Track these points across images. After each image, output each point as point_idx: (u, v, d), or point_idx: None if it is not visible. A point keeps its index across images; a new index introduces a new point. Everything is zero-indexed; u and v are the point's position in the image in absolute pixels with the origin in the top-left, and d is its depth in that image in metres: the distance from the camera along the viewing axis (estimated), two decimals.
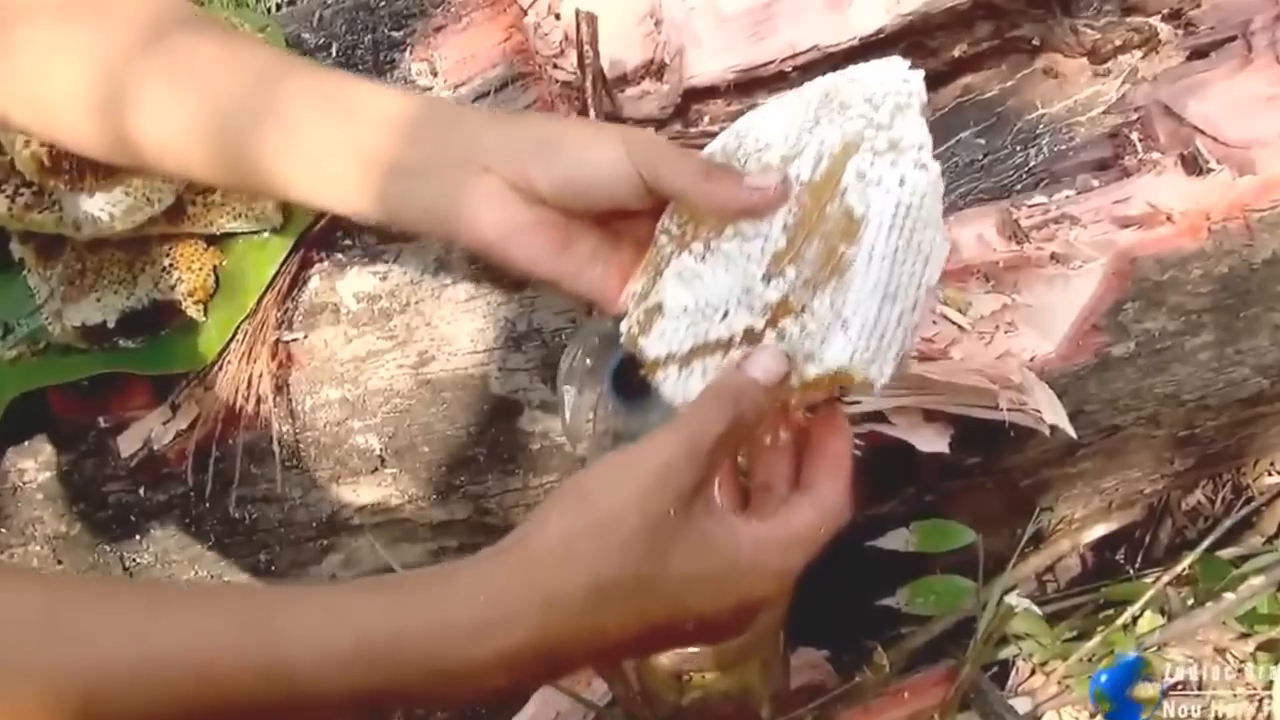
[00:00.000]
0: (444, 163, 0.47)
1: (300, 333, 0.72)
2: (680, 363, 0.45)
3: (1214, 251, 0.67)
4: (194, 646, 0.36)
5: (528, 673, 0.39)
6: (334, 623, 0.37)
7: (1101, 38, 0.87)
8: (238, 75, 0.50)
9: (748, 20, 0.89)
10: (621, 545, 0.38)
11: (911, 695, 0.66)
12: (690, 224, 0.46)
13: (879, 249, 0.41)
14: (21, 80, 0.52)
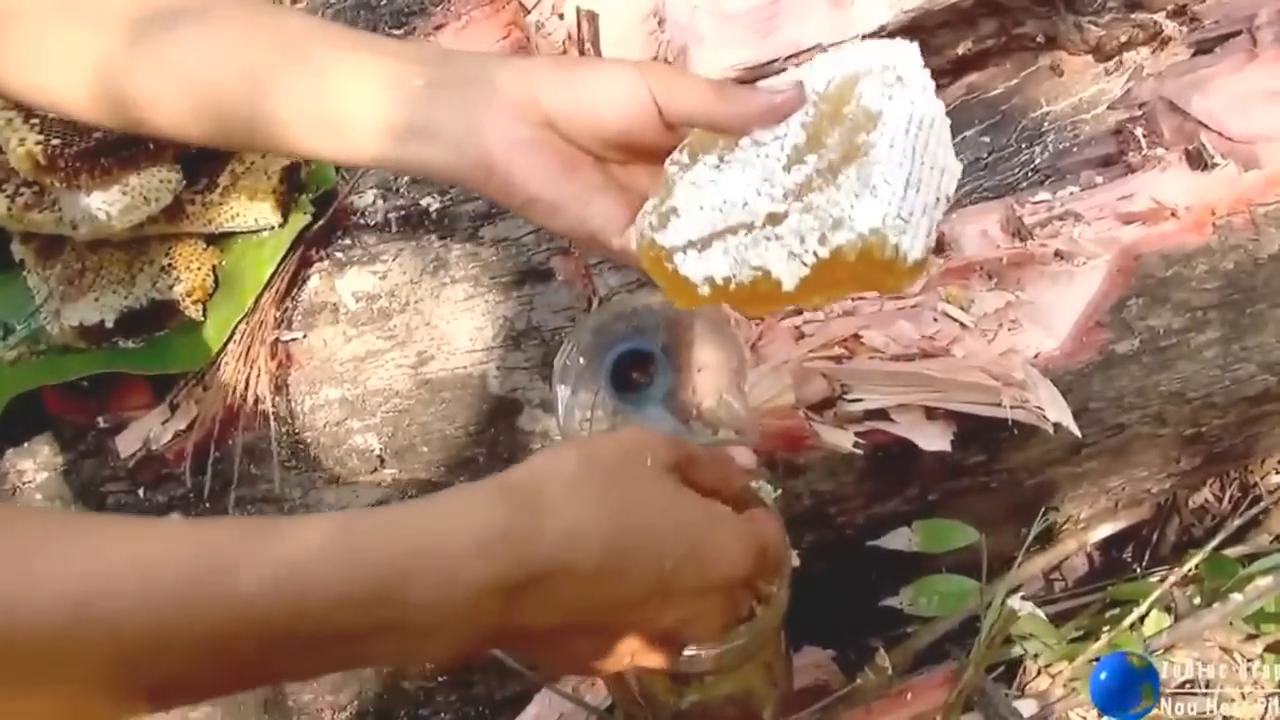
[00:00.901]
0: (451, 85, 0.46)
1: (299, 332, 0.72)
2: (700, 245, 0.44)
3: (1219, 247, 0.67)
4: (198, 551, 0.34)
5: (490, 613, 0.38)
6: (336, 528, 0.36)
7: (1106, 34, 0.86)
8: (241, 27, 0.50)
9: (751, 18, 0.88)
10: (604, 475, 0.41)
11: (914, 697, 0.65)
12: (700, 151, 0.46)
13: (899, 141, 0.42)
14: (27, 50, 0.51)
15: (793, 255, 0.43)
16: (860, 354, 0.70)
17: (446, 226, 0.72)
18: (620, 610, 0.42)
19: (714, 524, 0.44)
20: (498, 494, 0.39)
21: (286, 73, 0.49)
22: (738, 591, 0.47)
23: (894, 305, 0.72)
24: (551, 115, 0.46)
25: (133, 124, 0.52)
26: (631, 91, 0.46)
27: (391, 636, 0.37)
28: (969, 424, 0.68)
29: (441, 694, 0.81)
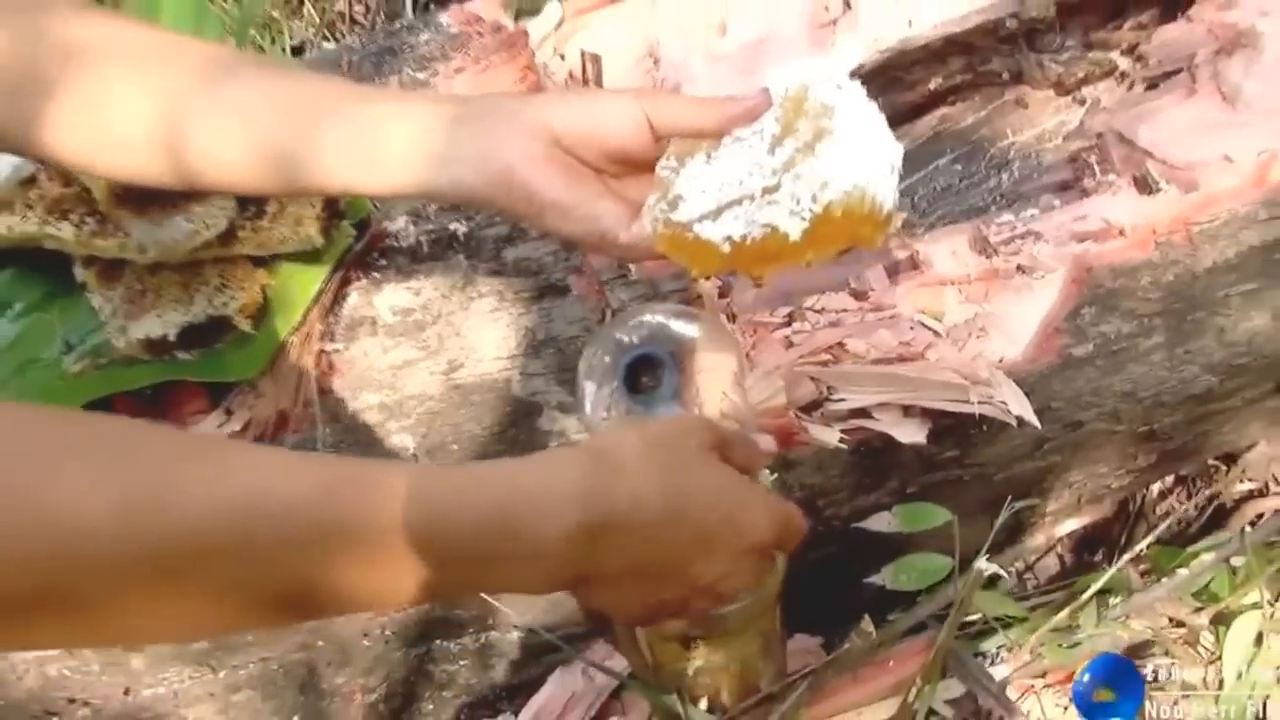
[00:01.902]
0: (473, 118, 0.55)
1: (342, 344, 0.80)
2: (713, 216, 0.53)
3: (1161, 261, 0.75)
4: (343, 472, 0.42)
5: (578, 552, 0.47)
6: (462, 470, 0.47)
7: (1065, 71, 0.95)
8: (283, 98, 0.58)
9: (739, 59, 0.97)
10: (663, 449, 0.50)
11: (896, 663, 0.72)
12: (685, 156, 0.55)
13: (853, 122, 0.52)
14: (95, 118, 0.59)
15: (793, 213, 0.52)
16: (844, 360, 0.78)
17: (473, 248, 0.80)
18: (672, 560, 0.51)
19: (749, 495, 0.54)
20: (585, 456, 0.49)
21: (331, 121, 0.57)
22: (764, 555, 0.55)
23: (874, 316, 0.80)
24: (560, 135, 0.55)
25: (190, 179, 0.60)
26: (627, 111, 0.55)
27: (502, 565, 0.45)
28: (942, 421, 0.76)
29: (463, 676, 0.89)
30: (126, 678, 0.87)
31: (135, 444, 0.39)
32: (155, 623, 0.40)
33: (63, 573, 0.36)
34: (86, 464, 0.37)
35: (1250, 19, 0.82)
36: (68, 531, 0.35)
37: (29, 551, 0.35)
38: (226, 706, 0.88)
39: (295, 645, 0.85)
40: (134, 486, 0.37)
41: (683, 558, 0.51)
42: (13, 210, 0.85)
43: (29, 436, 0.37)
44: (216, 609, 0.40)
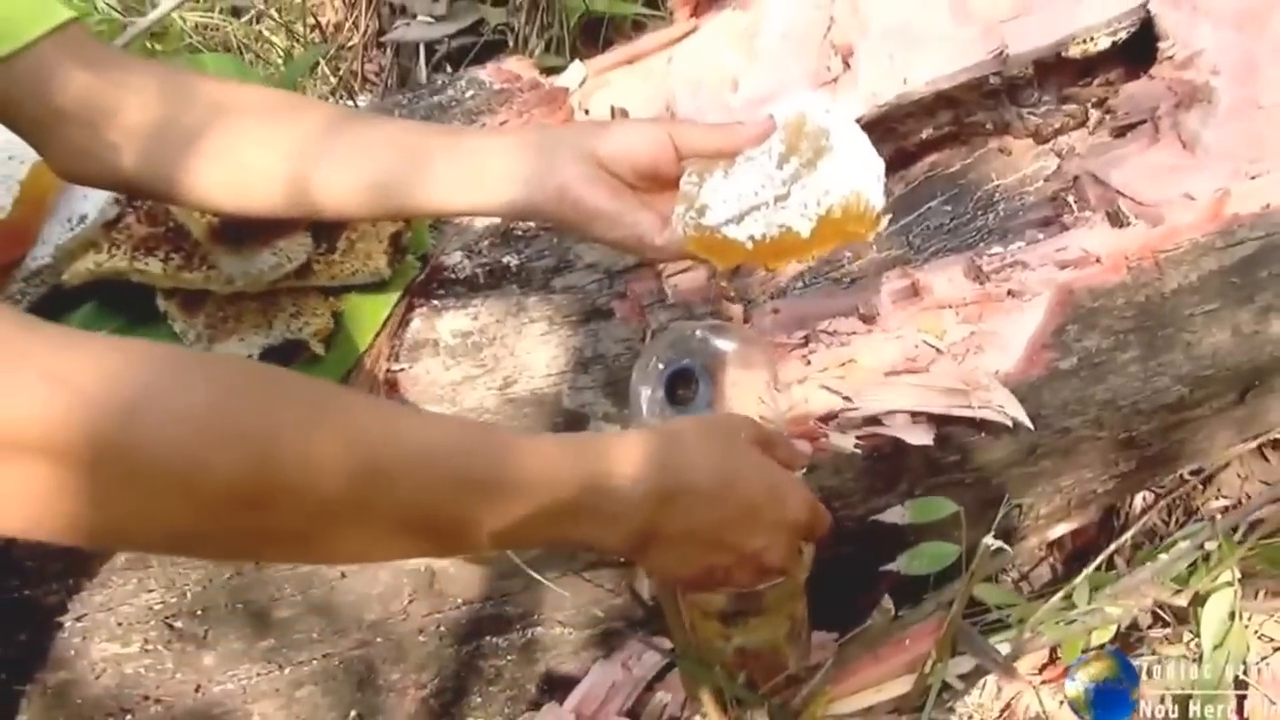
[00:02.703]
0: (532, 147, 0.68)
1: (406, 364, 0.89)
2: (737, 220, 0.66)
3: (1133, 284, 0.85)
4: (492, 438, 0.53)
5: (650, 514, 0.57)
6: (569, 439, 0.57)
7: (1043, 122, 1.06)
8: (388, 137, 0.70)
9: (749, 112, 1.08)
10: (717, 435, 0.61)
11: (912, 642, 0.81)
12: (704, 172, 0.68)
13: (847, 140, 0.65)
14: (233, 162, 0.70)
15: (803, 215, 0.65)
16: (856, 374, 0.88)
17: (524, 278, 0.90)
18: (723, 527, 0.61)
19: (787, 480, 0.65)
20: (659, 436, 0.59)
21: (433, 154, 0.70)
22: (797, 535, 0.65)
23: (882, 336, 0.90)
24: (603, 157, 0.68)
25: (313, 209, 0.72)
26: (655, 135, 0.68)
27: (590, 520, 0.55)
28: (946, 428, 0.85)
29: (509, 671, 0.96)
30: (198, 675, 0.94)
31: (347, 403, 0.50)
32: (354, 548, 0.50)
33: (295, 509, 0.46)
34: (312, 417, 0.47)
35: (1204, 76, 0.94)
36: (302, 476, 0.46)
37: (276, 488, 0.45)
38: (290, 702, 0.96)
39: (355, 642, 0.93)
40: (355, 442, 0.47)
41: (732, 525, 0.61)
42: (99, 249, 0.95)
43: (284, 389, 0.47)
44: (400, 541, 0.50)
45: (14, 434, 0.41)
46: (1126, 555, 1.16)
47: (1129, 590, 0.81)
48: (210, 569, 0.90)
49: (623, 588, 0.91)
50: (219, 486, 0.44)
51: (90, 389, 0.42)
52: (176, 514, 0.45)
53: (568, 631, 0.94)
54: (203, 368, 0.46)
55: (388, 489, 0.47)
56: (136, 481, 0.43)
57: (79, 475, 0.42)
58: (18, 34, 0.66)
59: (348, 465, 0.46)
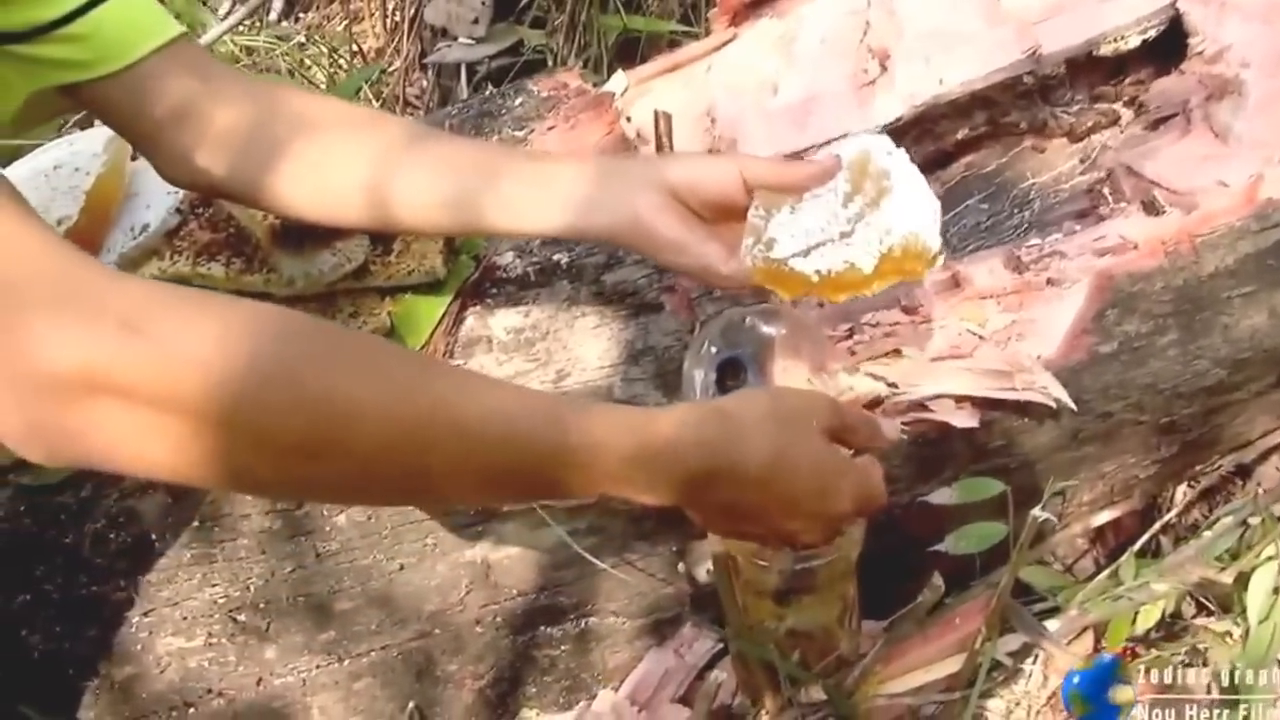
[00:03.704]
0: (607, 176, 0.71)
1: (461, 359, 0.91)
2: (804, 254, 0.69)
3: (1170, 268, 0.87)
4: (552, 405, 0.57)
5: (688, 489, 0.60)
6: (626, 410, 0.61)
7: (1076, 121, 1.09)
8: (465, 157, 0.74)
9: (789, 114, 1.11)
10: (779, 420, 0.62)
11: (962, 621, 0.82)
12: (772, 206, 0.70)
13: (907, 182, 0.69)
14: (316, 172, 0.73)
15: (866, 252, 0.69)
16: (901, 363, 0.90)
17: (575, 274, 0.93)
18: (759, 512, 0.63)
19: (841, 475, 0.65)
20: (715, 415, 0.61)
21: (505, 177, 0.73)
22: (837, 524, 0.67)
23: (925, 326, 0.92)
24: (675, 188, 0.70)
25: (390, 222, 0.75)
26: (725, 168, 0.71)
27: (629, 486, 0.58)
28: (990, 413, 0.87)
29: (564, 661, 0.98)
30: (260, 668, 0.96)
31: (410, 364, 0.55)
32: (449, 493, 0.58)
33: (425, 452, 0.51)
34: (433, 386, 0.52)
35: (1234, 69, 0.96)
36: (422, 430, 0.50)
37: (394, 432, 0.50)
38: (348, 694, 0.98)
39: (413, 634, 0.95)
40: (422, 400, 0.51)
41: (769, 510, 0.63)
42: (162, 257, 0.98)
43: (377, 352, 0.52)
44: (474, 489, 0.55)
45: (92, 377, 0.45)
46: (1170, 541, 1.17)
47: (1174, 568, 0.82)
48: (272, 563, 0.93)
49: (675, 576, 0.93)
50: (293, 437, 0.48)
51: (164, 338, 0.46)
52: (243, 461, 0.48)
53: (621, 621, 0.95)
54: (278, 325, 0.50)
55: (451, 441, 0.51)
56: (205, 430, 0.47)
57: (148, 419, 0.46)
58: (132, 48, 0.71)
59: (409, 417, 0.50)
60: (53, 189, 1.00)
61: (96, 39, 0.70)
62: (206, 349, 0.46)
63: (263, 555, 0.92)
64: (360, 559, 0.92)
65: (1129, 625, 0.88)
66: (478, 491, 0.58)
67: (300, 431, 0.48)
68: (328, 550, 0.92)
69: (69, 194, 0.99)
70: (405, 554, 0.92)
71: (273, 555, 0.92)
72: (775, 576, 0.75)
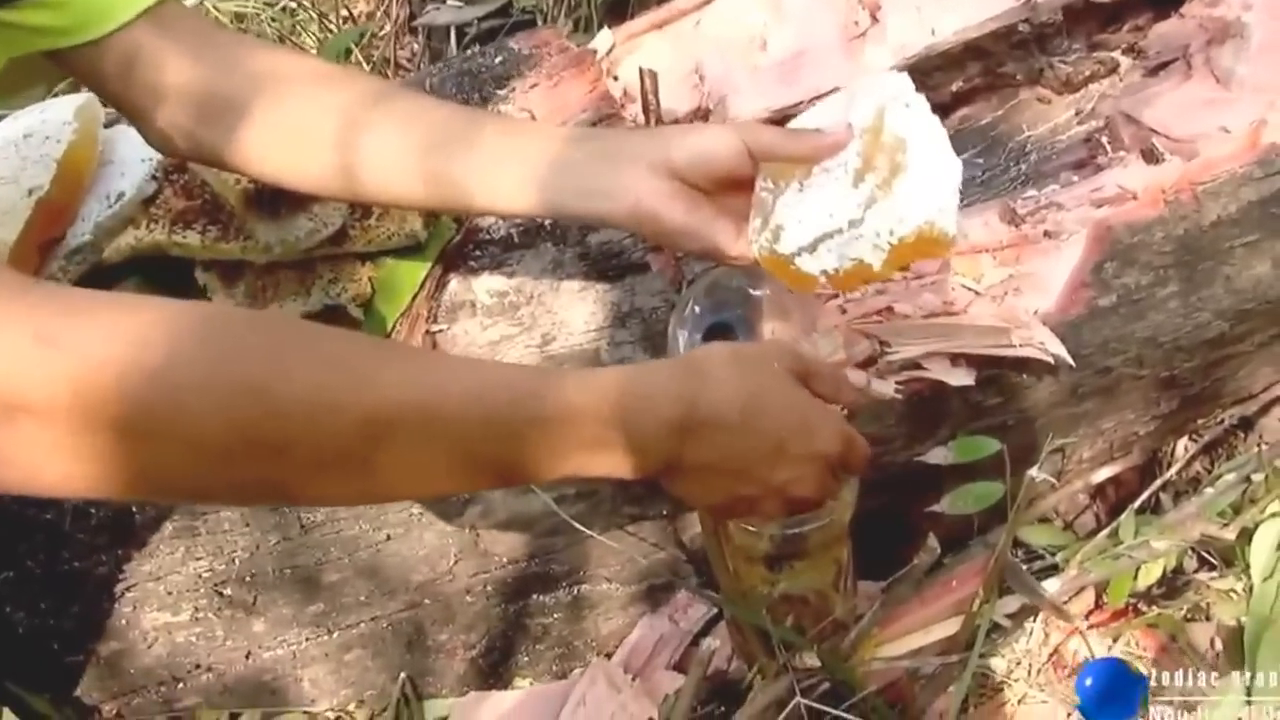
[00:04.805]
0: (602, 157, 0.66)
1: (444, 324, 0.89)
2: (810, 249, 0.63)
3: (1171, 218, 0.85)
4: (520, 376, 0.53)
5: (668, 446, 0.56)
6: (590, 373, 0.56)
7: (1073, 70, 1.06)
8: (437, 120, 0.70)
9: (778, 70, 1.08)
10: (746, 365, 0.59)
11: (959, 583, 0.81)
12: (779, 179, 0.65)
13: (924, 154, 0.61)
14: (284, 130, 0.70)
15: (875, 246, 0.63)
16: (894, 321, 0.88)
17: (559, 236, 0.91)
18: (746, 462, 0.60)
19: (817, 411, 0.62)
20: (679, 367, 0.58)
21: (481, 150, 0.68)
22: (829, 470, 0.64)
23: (918, 283, 0.90)
24: (678, 168, 0.65)
25: (369, 197, 0.72)
26: (730, 142, 0.66)
27: (608, 453, 0.55)
28: (987, 370, 0.85)
29: (556, 629, 0.97)
30: (248, 641, 0.95)
31: (353, 348, 0.50)
32: (422, 483, 0.53)
33: (371, 445, 0.47)
34: (381, 373, 0.48)
35: (1236, 12, 0.93)
36: (371, 413, 0.47)
37: (359, 427, 0.47)
38: (339, 665, 0.97)
39: (403, 604, 0.94)
40: (363, 388, 0.48)
41: (755, 460, 0.60)
42: (138, 225, 0.96)
43: (343, 345, 0.49)
44: (453, 475, 0.51)
45: (8, 398, 0.42)
46: (1171, 498, 1.15)
47: (1176, 525, 0.80)
48: (257, 536, 0.91)
49: (668, 541, 0.91)
50: (219, 440, 0.45)
51: (78, 349, 0.43)
52: (177, 471, 0.45)
53: (614, 587, 0.94)
54: (200, 322, 0.46)
55: (398, 435, 0.48)
56: (130, 442, 0.43)
57: (70, 437, 0.43)
58: (113, 14, 0.68)
59: (356, 413, 0.47)
60: (23, 158, 0.97)
61: (76, 4, 0.68)
62: (124, 356, 0.43)
63: (246, 528, 0.91)
64: (346, 530, 0.91)
65: (1130, 582, 0.86)
66: (440, 482, 0.53)
67: (233, 434, 0.44)
68: (313, 522, 0.91)
69: (40, 163, 0.96)
70: (392, 524, 0.90)
71: (257, 528, 0.91)
72: (766, 543, 0.73)
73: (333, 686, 0.98)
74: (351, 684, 0.98)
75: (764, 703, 0.78)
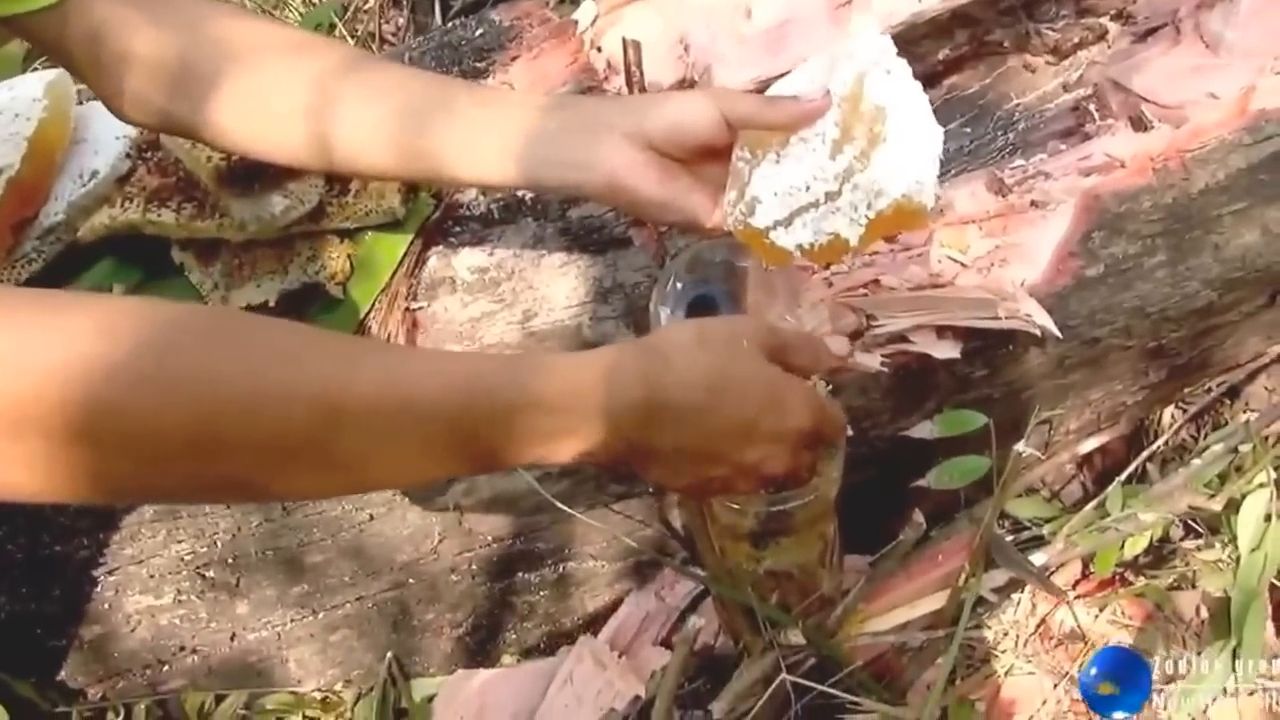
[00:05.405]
0: (577, 127, 0.64)
1: (424, 302, 0.88)
2: (785, 223, 0.62)
3: (1159, 186, 0.84)
4: (474, 367, 0.52)
5: (632, 429, 0.55)
6: (551, 360, 0.54)
7: (1062, 37, 1.04)
8: (411, 90, 0.68)
9: (764, 39, 1.06)
10: (711, 344, 0.57)
11: (945, 558, 0.80)
12: (757, 148, 0.63)
13: (903, 124, 0.59)
14: (256, 100, 0.69)
15: (852, 220, 0.61)
16: (881, 294, 0.87)
17: (540, 210, 0.89)
18: (714, 442, 0.58)
19: (788, 386, 0.61)
20: (639, 349, 0.57)
21: (457, 124, 0.67)
22: (803, 445, 0.62)
23: (904, 255, 0.89)
24: (652, 138, 0.64)
25: (338, 165, 0.70)
26: (706, 110, 0.64)
27: (571, 438, 0.54)
28: (973, 342, 0.84)
29: (543, 606, 0.96)
30: (233, 623, 0.94)
31: (295, 342, 0.49)
32: (385, 474, 0.51)
33: (325, 436, 0.46)
34: (322, 369, 0.47)
35: None
36: (318, 403, 0.46)
37: (308, 418, 0.46)
38: (325, 646, 0.96)
39: (387, 584, 0.93)
40: (304, 384, 0.47)
41: (724, 441, 0.58)
42: (113, 204, 0.94)
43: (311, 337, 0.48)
44: (413, 465, 0.50)
45: None
46: (1158, 467, 1.15)
47: (1162, 497, 0.80)
48: (238, 517, 0.91)
49: (653, 519, 0.91)
50: (166, 439, 0.44)
51: (13, 352, 0.41)
52: (126, 468, 0.44)
53: (600, 565, 0.93)
54: (136, 319, 0.45)
55: (345, 427, 0.47)
56: (72, 446, 0.42)
57: (10, 444, 0.42)
58: None
59: (302, 404, 0.46)
60: None
61: None
62: (61, 356, 0.42)
63: (227, 510, 0.90)
64: (329, 510, 0.90)
65: (1117, 553, 0.86)
66: (401, 472, 0.52)
67: (178, 432, 0.43)
68: (295, 503, 0.90)
69: (9, 141, 0.95)
70: (374, 504, 0.89)
71: (238, 510, 0.90)
72: (751, 520, 0.72)
73: (319, 667, 0.97)
74: (338, 664, 0.98)
75: (750, 679, 0.78)
